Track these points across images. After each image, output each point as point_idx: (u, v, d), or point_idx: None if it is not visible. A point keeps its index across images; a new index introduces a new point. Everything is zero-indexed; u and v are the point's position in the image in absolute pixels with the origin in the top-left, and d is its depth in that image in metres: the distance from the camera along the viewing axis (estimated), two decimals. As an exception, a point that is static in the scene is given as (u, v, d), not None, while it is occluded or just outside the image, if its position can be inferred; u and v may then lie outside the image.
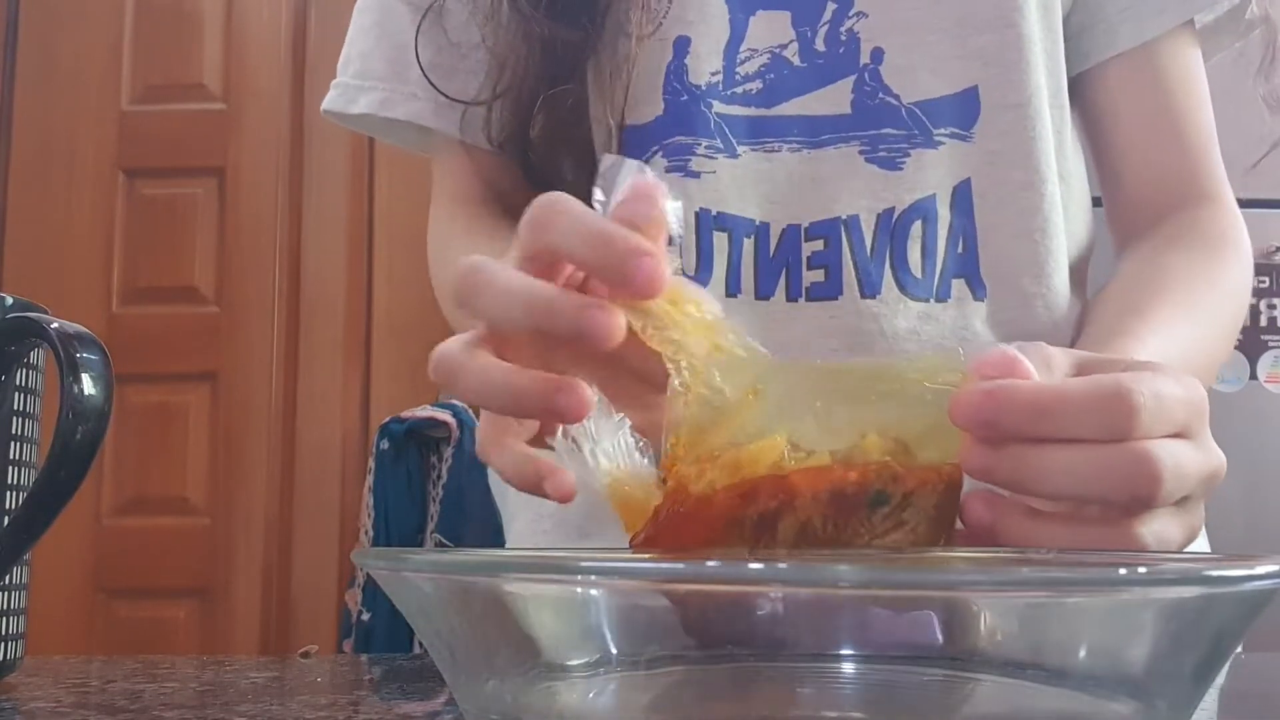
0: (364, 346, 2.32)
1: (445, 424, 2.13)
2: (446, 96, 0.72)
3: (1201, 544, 0.72)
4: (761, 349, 0.40)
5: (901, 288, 0.66)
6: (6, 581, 0.46)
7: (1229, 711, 0.41)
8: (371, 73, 0.75)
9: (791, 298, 0.66)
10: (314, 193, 2.35)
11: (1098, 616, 0.31)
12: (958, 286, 0.66)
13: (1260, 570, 0.29)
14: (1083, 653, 0.31)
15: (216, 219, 2.34)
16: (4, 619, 0.47)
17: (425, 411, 2.15)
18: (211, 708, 0.43)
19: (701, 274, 0.66)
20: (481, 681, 0.34)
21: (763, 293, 0.66)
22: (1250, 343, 1.85)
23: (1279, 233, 1.83)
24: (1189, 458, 0.40)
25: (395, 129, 0.77)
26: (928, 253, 0.66)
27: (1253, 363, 1.85)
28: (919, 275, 0.66)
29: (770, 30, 0.68)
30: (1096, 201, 0.75)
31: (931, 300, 0.66)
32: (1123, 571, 0.29)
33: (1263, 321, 1.86)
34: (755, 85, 0.67)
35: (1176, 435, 0.39)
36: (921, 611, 0.31)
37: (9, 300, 0.46)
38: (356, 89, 0.75)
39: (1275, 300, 1.86)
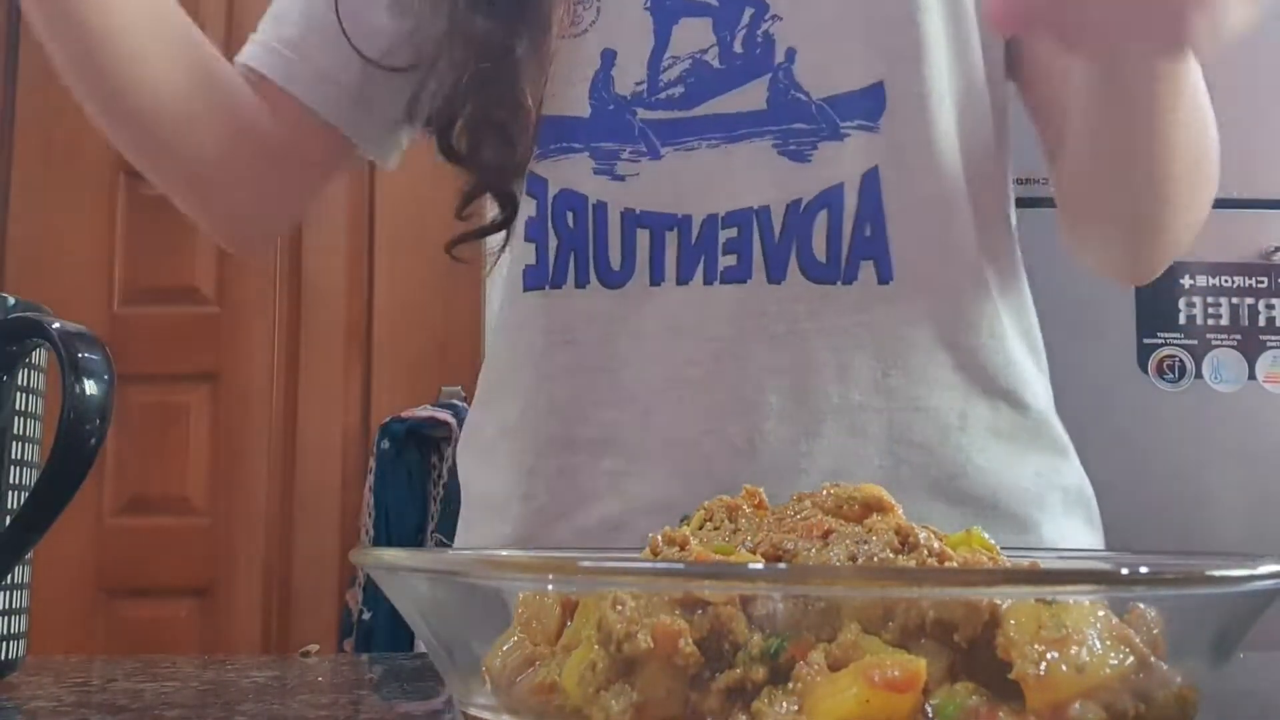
0: (364, 346, 2.32)
1: (445, 424, 2.12)
2: (379, 66, 0.77)
3: None
4: None
5: (804, 271, 0.70)
6: (8, 581, 0.46)
7: (1230, 712, 0.41)
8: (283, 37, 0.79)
9: (708, 281, 0.71)
10: (314, 192, 2.34)
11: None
12: (865, 269, 0.70)
13: (1262, 570, 0.29)
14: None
15: (217, 219, 2.34)
16: (6, 618, 0.47)
17: (426, 411, 2.15)
18: (212, 707, 0.43)
19: (625, 268, 0.71)
20: (478, 681, 0.34)
21: (683, 278, 0.71)
22: (1249, 343, 1.85)
23: (1278, 233, 1.83)
24: None
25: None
26: (832, 238, 0.70)
27: (1251, 363, 1.85)
28: (824, 260, 0.70)
29: (692, 36, 0.72)
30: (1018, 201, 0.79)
31: (838, 283, 0.70)
32: (1124, 571, 0.29)
33: (1261, 321, 1.85)
34: (678, 90, 0.72)
35: None
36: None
37: (11, 300, 0.46)
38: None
39: (1274, 300, 1.85)
